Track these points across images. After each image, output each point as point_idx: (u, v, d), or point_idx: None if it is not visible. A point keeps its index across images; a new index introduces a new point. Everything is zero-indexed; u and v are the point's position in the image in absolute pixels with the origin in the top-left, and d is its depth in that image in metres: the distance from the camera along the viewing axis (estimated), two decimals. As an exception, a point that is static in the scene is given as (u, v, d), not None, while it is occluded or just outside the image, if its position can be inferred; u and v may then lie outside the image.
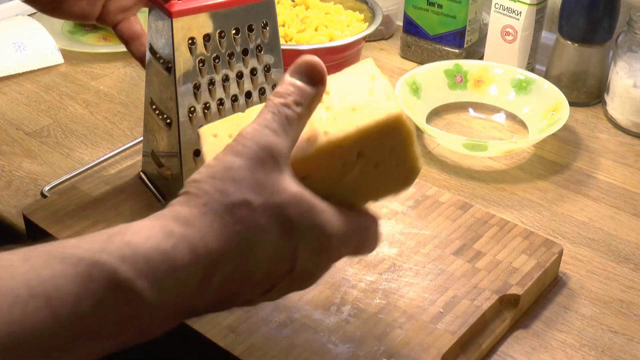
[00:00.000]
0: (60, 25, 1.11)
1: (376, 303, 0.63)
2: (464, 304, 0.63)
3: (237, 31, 0.67)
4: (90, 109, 0.95)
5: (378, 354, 0.58)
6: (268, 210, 0.44)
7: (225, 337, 0.59)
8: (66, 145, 0.88)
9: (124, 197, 0.74)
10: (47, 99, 0.97)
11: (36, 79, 1.01)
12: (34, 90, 0.98)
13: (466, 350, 0.61)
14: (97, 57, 1.06)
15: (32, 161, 0.85)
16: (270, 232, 0.44)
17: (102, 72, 1.03)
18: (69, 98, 0.97)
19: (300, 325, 0.60)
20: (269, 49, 0.69)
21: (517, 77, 0.94)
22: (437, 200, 0.74)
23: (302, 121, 0.48)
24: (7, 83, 1.00)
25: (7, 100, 0.96)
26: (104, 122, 0.92)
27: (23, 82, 1.00)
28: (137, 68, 1.03)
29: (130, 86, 1.00)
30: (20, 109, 0.95)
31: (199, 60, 0.66)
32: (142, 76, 1.01)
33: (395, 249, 0.68)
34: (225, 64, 0.68)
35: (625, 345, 0.64)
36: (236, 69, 0.68)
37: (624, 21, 0.93)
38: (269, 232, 0.44)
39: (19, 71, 1.01)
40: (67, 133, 0.90)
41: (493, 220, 0.72)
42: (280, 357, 0.58)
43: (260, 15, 0.68)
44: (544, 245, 0.69)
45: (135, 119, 0.92)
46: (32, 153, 0.87)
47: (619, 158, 0.88)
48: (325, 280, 0.63)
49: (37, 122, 0.92)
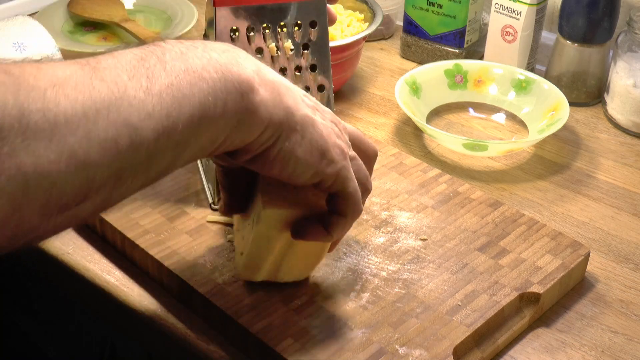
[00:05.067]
0: (60, 25, 1.11)
1: (395, 292, 0.64)
2: (482, 299, 0.63)
3: (284, 27, 0.67)
4: (90, 109, 0.95)
5: (392, 341, 0.59)
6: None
7: (244, 315, 0.61)
8: (66, 145, 0.88)
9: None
10: (47, 99, 0.97)
11: (36, 79, 1.01)
12: (34, 90, 0.98)
13: (481, 344, 0.61)
14: (97, 57, 1.05)
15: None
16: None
17: (102, 72, 1.02)
18: (69, 98, 0.97)
19: (319, 308, 0.62)
20: (315, 49, 0.69)
21: (517, 77, 0.94)
22: (468, 197, 0.75)
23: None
24: (7, 83, 1.00)
25: (7, 100, 0.96)
26: (104, 122, 0.92)
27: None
28: (137, 68, 1.03)
29: (130, 86, 0.99)
30: (20, 109, 0.95)
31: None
32: (142, 76, 1.01)
33: (420, 242, 0.69)
34: (268, 58, 0.68)
35: (625, 345, 0.64)
36: (279, 64, 0.68)
37: (624, 21, 0.93)
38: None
39: (19, 71, 1.01)
40: (67, 133, 0.90)
41: (522, 219, 0.72)
42: (296, 337, 0.59)
43: (310, 14, 0.67)
44: (571, 247, 0.69)
45: (135, 119, 0.92)
46: (32, 153, 0.87)
47: (619, 158, 0.88)
48: (348, 267, 0.66)
49: (37, 122, 0.92)
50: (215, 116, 0.48)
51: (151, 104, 0.45)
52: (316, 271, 0.65)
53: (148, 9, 1.17)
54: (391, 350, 0.58)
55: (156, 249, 0.67)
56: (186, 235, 0.68)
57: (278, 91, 0.52)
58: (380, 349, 0.58)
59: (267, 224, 0.57)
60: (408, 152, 0.87)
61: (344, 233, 0.59)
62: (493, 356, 0.62)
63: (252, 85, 0.50)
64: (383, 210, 0.73)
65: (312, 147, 0.53)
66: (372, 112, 0.96)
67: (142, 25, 1.09)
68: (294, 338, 0.59)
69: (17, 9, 1.12)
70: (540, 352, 0.63)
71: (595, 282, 0.70)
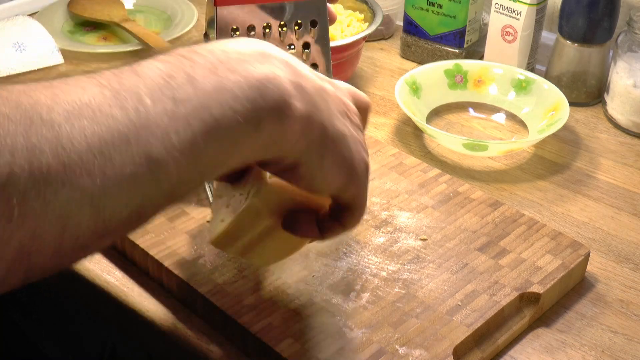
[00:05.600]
0: (60, 25, 1.11)
1: (395, 292, 0.64)
2: (482, 299, 0.63)
3: (284, 27, 0.67)
4: (90, 109, 0.95)
5: (391, 341, 0.59)
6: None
7: (244, 315, 0.61)
8: (66, 145, 0.88)
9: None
10: (47, 99, 0.97)
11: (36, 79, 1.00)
12: (34, 90, 0.98)
13: (481, 344, 0.61)
14: (97, 57, 1.05)
15: (32, 161, 0.85)
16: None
17: (102, 72, 1.02)
18: (69, 98, 0.97)
19: (319, 308, 0.62)
20: (316, 48, 0.69)
21: (517, 77, 0.94)
22: (468, 197, 0.75)
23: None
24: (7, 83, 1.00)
25: (7, 100, 0.96)
26: (104, 122, 0.92)
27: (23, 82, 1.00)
28: (137, 68, 1.03)
29: (130, 86, 0.99)
30: (20, 109, 0.95)
31: None
32: (142, 76, 1.01)
33: (420, 242, 0.69)
34: None
35: (625, 345, 0.64)
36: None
37: (624, 21, 0.93)
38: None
39: (19, 71, 1.01)
40: (67, 133, 0.90)
41: (522, 219, 0.72)
42: (296, 337, 0.59)
43: (310, 13, 0.67)
44: (571, 247, 0.69)
45: (135, 119, 0.92)
46: (32, 153, 0.87)
47: (619, 158, 0.88)
48: (348, 267, 0.66)
49: (37, 122, 0.92)
50: (247, 139, 0.45)
51: (175, 132, 0.41)
52: (316, 271, 0.65)
53: (148, 9, 1.17)
54: (391, 350, 0.58)
55: (156, 249, 0.67)
56: (186, 235, 0.68)
57: (314, 103, 0.48)
58: (380, 349, 0.58)
59: (264, 199, 0.55)
60: (408, 152, 0.87)
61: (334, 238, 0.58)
62: (493, 356, 0.62)
63: (290, 103, 0.46)
64: (383, 210, 0.73)
65: (340, 166, 0.51)
66: (372, 112, 0.95)
67: (142, 25, 1.09)
68: (294, 338, 0.59)
69: (17, 9, 1.12)
70: (540, 352, 0.63)
71: (595, 282, 0.70)
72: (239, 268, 0.65)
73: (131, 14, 1.14)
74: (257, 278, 0.64)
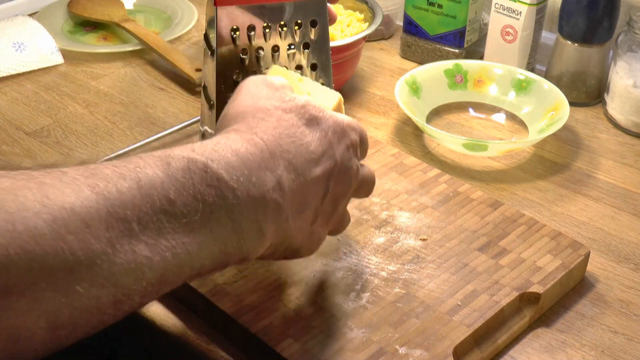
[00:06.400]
0: (60, 25, 1.11)
1: (395, 292, 0.64)
2: (482, 299, 0.63)
3: (284, 27, 0.67)
4: (90, 109, 0.95)
5: (391, 341, 0.59)
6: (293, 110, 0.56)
7: (244, 315, 0.61)
8: (66, 145, 0.88)
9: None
10: (47, 99, 0.97)
11: (36, 79, 1.01)
12: (34, 90, 0.99)
13: (481, 344, 0.61)
14: (97, 57, 1.06)
15: (32, 161, 0.85)
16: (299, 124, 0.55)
17: (102, 72, 1.03)
18: (69, 98, 0.97)
19: (319, 308, 0.62)
20: (316, 48, 0.69)
21: (517, 77, 0.94)
22: (468, 197, 0.75)
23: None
24: (7, 83, 1.00)
25: (7, 100, 0.96)
26: (104, 122, 0.92)
27: (23, 82, 1.00)
28: (137, 68, 1.03)
29: (130, 86, 1.00)
30: (20, 109, 0.95)
31: (242, 50, 0.66)
32: (142, 76, 1.01)
33: (420, 242, 0.69)
34: (268, 57, 0.68)
35: (625, 345, 0.64)
36: (280, 63, 0.68)
37: (624, 21, 0.93)
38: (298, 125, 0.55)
39: (19, 71, 1.01)
40: (67, 133, 0.90)
41: (522, 219, 0.72)
42: (296, 337, 0.59)
43: (310, 13, 0.67)
44: (571, 247, 0.69)
45: (135, 119, 0.93)
46: (32, 153, 0.87)
47: (619, 158, 0.88)
48: (348, 267, 0.66)
49: (37, 122, 0.92)
50: (232, 260, 0.50)
51: (150, 269, 0.44)
52: (316, 271, 0.65)
53: (148, 9, 1.17)
54: (391, 350, 0.58)
55: (156, 249, 0.67)
56: (186, 235, 0.68)
57: (298, 205, 0.54)
58: (380, 349, 0.59)
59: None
60: (408, 152, 0.87)
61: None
62: (493, 356, 0.62)
63: (279, 208, 0.52)
64: (383, 210, 0.73)
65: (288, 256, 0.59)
66: (372, 112, 0.96)
67: (142, 25, 1.09)
68: (294, 338, 0.59)
69: (17, 9, 1.12)
70: (540, 352, 0.63)
71: (595, 282, 0.70)
72: (239, 268, 0.65)
73: (131, 14, 1.14)
74: (257, 278, 0.64)
